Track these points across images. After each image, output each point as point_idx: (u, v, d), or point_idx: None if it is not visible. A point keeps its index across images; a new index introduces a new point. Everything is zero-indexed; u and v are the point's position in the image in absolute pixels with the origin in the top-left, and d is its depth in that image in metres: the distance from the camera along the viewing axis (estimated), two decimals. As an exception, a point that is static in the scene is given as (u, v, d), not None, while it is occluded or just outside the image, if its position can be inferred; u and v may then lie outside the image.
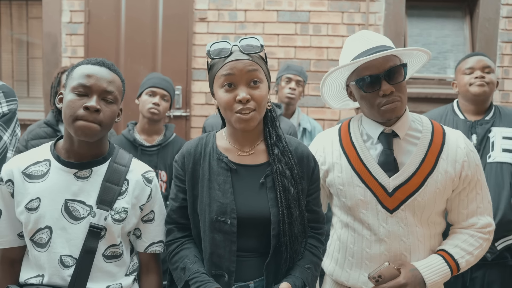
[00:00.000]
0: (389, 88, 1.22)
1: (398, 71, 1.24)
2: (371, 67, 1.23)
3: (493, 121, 1.88)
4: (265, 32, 3.37)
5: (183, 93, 3.39)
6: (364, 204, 1.29)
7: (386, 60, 1.23)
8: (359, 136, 1.35)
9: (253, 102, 1.12)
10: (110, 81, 1.15)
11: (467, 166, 1.27)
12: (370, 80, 1.23)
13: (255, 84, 1.13)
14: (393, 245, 1.27)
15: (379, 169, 1.28)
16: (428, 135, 1.30)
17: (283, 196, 1.14)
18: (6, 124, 1.46)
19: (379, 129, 1.31)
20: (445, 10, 3.53)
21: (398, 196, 1.26)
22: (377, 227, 1.28)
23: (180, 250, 1.21)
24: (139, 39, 3.41)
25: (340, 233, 1.39)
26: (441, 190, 1.26)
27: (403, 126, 1.30)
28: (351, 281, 1.34)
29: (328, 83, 1.38)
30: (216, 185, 1.16)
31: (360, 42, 1.29)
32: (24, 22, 3.75)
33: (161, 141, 2.10)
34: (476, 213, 1.29)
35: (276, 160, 1.17)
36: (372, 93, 1.24)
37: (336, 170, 1.34)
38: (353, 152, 1.33)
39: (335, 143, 1.39)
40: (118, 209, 1.18)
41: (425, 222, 1.29)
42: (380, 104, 1.24)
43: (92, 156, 1.19)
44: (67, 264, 1.13)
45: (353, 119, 1.43)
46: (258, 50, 1.14)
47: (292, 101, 2.48)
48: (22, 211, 1.14)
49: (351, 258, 1.34)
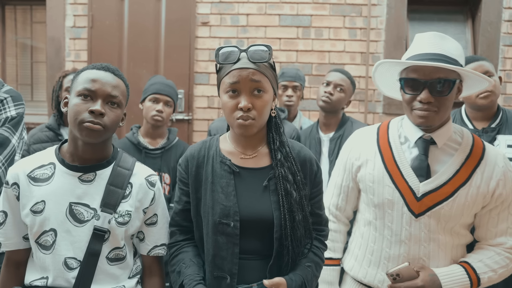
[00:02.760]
0: (428, 98, 1.21)
1: (445, 85, 1.22)
2: (419, 71, 1.22)
3: (499, 129, 1.85)
4: (267, 36, 3.38)
5: (185, 97, 3.41)
6: (391, 204, 1.30)
7: (437, 70, 1.21)
8: (397, 137, 1.35)
9: (254, 111, 1.13)
10: (114, 85, 1.17)
11: (502, 185, 1.25)
12: (414, 84, 1.24)
13: (258, 93, 1.14)
14: (413, 248, 1.27)
15: (411, 172, 1.28)
16: (467, 148, 1.29)
17: (285, 200, 1.15)
18: (14, 127, 1.48)
19: (418, 134, 1.30)
20: (447, 14, 3.54)
21: (426, 202, 1.26)
22: (399, 229, 1.28)
23: (178, 254, 1.23)
24: (141, 43, 3.43)
25: (363, 230, 1.40)
26: (470, 204, 1.25)
27: (443, 135, 1.29)
28: (368, 278, 1.35)
29: (381, 71, 1.37)
30: (219, 188, 1.17)
31: (426, 43, 1.27)
32: (28, 27, 3.78)
33: (165, 144, 2.12)
34: (506, 233, 1.28)
35: (279, 164, 1.18)
36: (411, 96, 1.26)
37: (368, 167, 1.36)
38: (389, 152, 1.34)
39: (372, 140, 1.40)
40: (122, 212, 1.19)
41: (448, 232, 1.28)
42: (414, 107, 1.25)
43: (96, 159, 1.21)
44: (72, 267, 1.14)
45: (393, 120, 1.43)
46: (266, 59, 1.15)
47: (291, 107, 2.49)
48: (27, 214, 1.15)
49: (370, 256, 1.35)
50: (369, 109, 3.35)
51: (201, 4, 3.41)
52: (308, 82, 3.36)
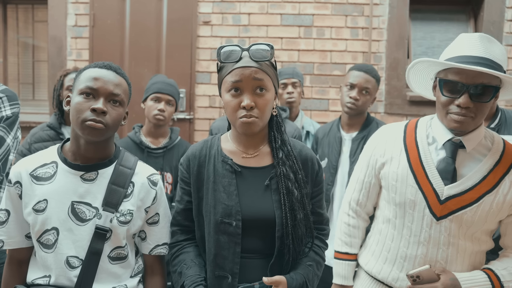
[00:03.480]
0: (467, 103, 1.17)
1: (488, 91, 1.17)
2: (462, 74, 1.17)
3: (498, 129, 1.83)
4: (269, 36, 3.38)
5: (187, 96, 3.41)
6: (412, 204, 1.27)
7: (480, 75, 1.16)
8: (425, 137, 1.32)
9: (257, 109, 1.14)
10: (116, 84, 1.17)
11: None
12: (454, 86, 1.19)
13: (260, 92, 1.14)
14: (431, 251, 1.26)
15: (436, 174, 1.26)
16: (497, 154, 1.25)
17: (286, 198, 1.15)
18: (9, 127, 1.48)
19: (447, 136, 1.27)
20: (449, 14, 3.53)
21: (449, 206, 1.23)
22: (419, 230, 1.27)
23: (179, 254, 1.23)
24: (143, 43, 3.43)
25: (381, 227, 1.39)
26: (495, 212, 1.22)
27: (473, 140, 1.26)
28: (382, 275, 1.34)
29: (417, 69, 1.33)
30: (221, 187, 1.17)
31: (473, 45, 1.21)
32: (30, 26, 3.78)
33: (167, 144, 2.12)
34: None
35: (280, 163, 1.18)
36: (449, 98, 1.21)
37: (393, 165, 1.33)
38: (415, 152, 1.31)
39: (398, 138, 1.37)
40: (124, 211, 1.19)
41: (469, 237, 1.26)
42: (450, 111, 1.21)
43: (98, 158, 1.21)
44: (74, 265, 1.14)
45: (422, 119, 1.39)
46: (267, 57, 1.15)
47: (294, 104, 2.50)
48: (30, 213, 1.16)
49: (386, 253, 1.34)
50: (371, 109, 3.34)
51: (202, 3, 3.41)
52: (309, 82, 3.36)
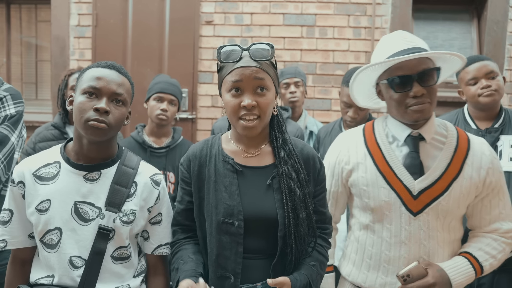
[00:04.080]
0: (420, 90, 1.22)
1: (431, 74, 1.24)
2: (405, 68, 1.23)
3: (502, 129, 1.85)
4: (271, 35, 3.38)
5: (189, 96, 3.41)
6: (388, 205, 1.29)
7: (420, 62, 1.23)
8: (385, 137, 1.35)
9: (258, 109, 1.13)
10: (119, 83, 1.17)
11: (491, 172, 1.28)
12: (402, 81, 1.24)
13: (261, 91, 1.14)
14: (413, 248, 1.28)
15: (404, 171, 1.28)
16: (454, 141, 1.30)
17: (289, 198, 1.15)
18: (13, 125, 1.48)
19: (406, 132, 1.31)
20: (452, 13, 3.52)
21: (422, 199, 1.26)
22: (399, 230, 1.28)
23: (177, 251, 1.22)
24: (146, 42, 3.43)
25: (358, 234, 1.39)
26: (465, 196, 1.27)
27: (430, 129, 1.31)
28: (368, 283, 1.34)
29: (359, 79, 1.37)
30: (223, 187, 1.17)
31: (397, 41, 1.29)
32: (33, 26, 3.79)
33: (170, 143, 2.12)
34: (498, 218, 1.31)
35: (282, 162, 1.17)
36: (402, 93, 1.25)
37: (360, 170, 1.34)
38: (379, 153, 1.33)
39: (359, 143, 1.38)
40: (127, 211, 1.19)
41: (446, 227, 1.29)
42: (409, 105, 1.25)
43: (101, 158, 1.21)
44: (77, 265, 1.14)
45: (377, 120, 1.43)
46: (268, 57, 1.14)
47: (297, 103, 2.49)
48: (33, 212, 1.16)
49: (368, 260, 1.35)
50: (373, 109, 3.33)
51: (205, 3, 3.41)
52: (312, 81, 3.35)
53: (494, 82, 1.86)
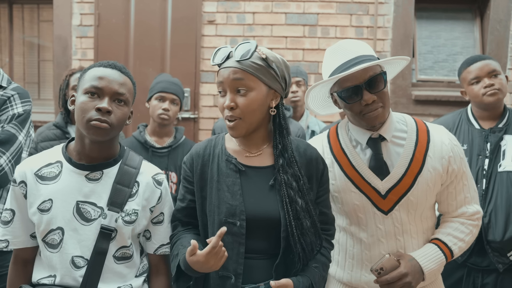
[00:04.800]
0: (371, 97, 1.24)
1: (379, 79, 1.25)
2: (352, 79, 1.24)
3: (506, 128, 1.84)
4: (273, 35, 3.38)
5: (191, 95, 3.41)
6: (360, 208, 1.33)
7: (365, 70, 1.24)
8: (349, 142, 1.38)
9: (239, 110, 1.13)
10: (121, 83, 1.16)
11: (453, 160, 1.32)
12: (352, 91, 1.25)
13: (241, 92, 1.14)
14: (390, 244, 1.33)
15: (371, 173, 1.32)
16: (414, 135, 1.33)
17: (290, 207, 1.13)
18: (21, 124, 1.49)
19: (366, 135, 1.33)
20: (455, 12, 3.51)
21: (391, 198, 1.30)
22: (374, 229, 1.33)
23: (177, 240, 1.22)
24: (148, 42, 3.44)
25: (338, 236, 1.43)
26: (431, 187, 1.31)
27: (389, 129, 1.33)
28: (354, 282, 1.38)
29: (313, 95, 1.38)
30: (225, 187, 1.17)
31: (339, 54, 1.29)
32: (35, 25, 3.80)
33: (172, 143, 2.12)
34: (464, 202, 1.35)
35: (281, 170, 1.16)
36: (354, 103, 1.26)
37: (330, 178, 1.36)
38: (345, 159, 1.36)
39: (326, 151, 1.41)
40: (129, 211, 1.19)
41: (418, 219, 1.34)
42: (363, 112, 1.27)
43: (103, 158, 1.21)
44: (79, 265, 1.14)
45: (339, 125, 1.44)
46: (246, 56, 1.13)
47: (298, 103, 2.50)
48: (35, 212, 1.16)
49: (351, 260, 1.39)
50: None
51: (207, 3, 3.41)
52: (314, 81, 3.35)
53: (497, 80, 1.85)
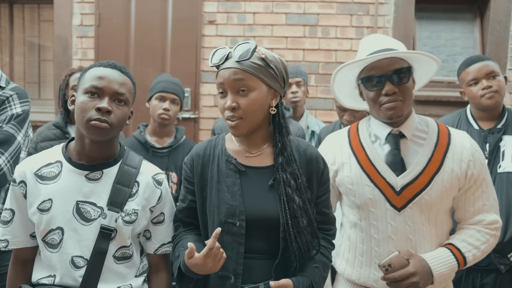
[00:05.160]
0: (392, 88, 1.28)
1: (403, 73, 1.30)
2: (377, 68, 1.30)
3: (505, 129, 1.84)
4: (274, 35, 3.38)
5: (191, 95, 3.41)
6: (373, 202, 1.33)
7: (392, 62, 1.29)
8: (368, 137, 1.40)
9: (240, 110, 1.13)
10: (121, 83, 1.17)
11: (472, 165, 1.31)
12: (375, 80, 1.31)
13: (242, 92, 1.14)
14: (400, 242, 1.31)
15: (387, 168, 1.32)
16: (434, 136, 1.34)
17: (288, 206, 1.14)
18: (20, 124, 1.49)
19: (386, 130, 1.35)
20: (455, 13, 3.51)
21: (405, 195, 1.30)
22: (385, 225, 1.32)
23: (179, 241, 1.23)
24: (148, 42, 3.44)
25: (349, 233, 1.42)
26: (448, 189, 1.30)
27: (410, 127, 1.35)
28: (362, 279, 1.37)
29: (339, 80, 1.43)
30: (225, 187, 1.17)
31: (372, 43, 1.36)
32: (36, 25, 3.80)
33: (172, 143, 2.12)
34: (482, 210, 1.33)
35: (280, 169, 1.17)
36: (376, 92, 1.31)
37: (345, 170, 1.38)
38: (362, 153, 1.37)
39: (344, 144, 1.43)
40: (129, 211, 1.19)
41: (432, 221, 1.32)
42: (382, 102, 1.31)
43: (103, 158, 1.21)
44: (79, 265, 1.14)
45: (361, 121, 1.47)
46: (246, 56, 1.13)
47: (298, 103, 2.49)
48: (35, 212, 1.16)
49: (360, 257, 1.38)
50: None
51: (207, 3, 3.41)
52: (314, 81, 3.35)
53: (495, 82, 1.85)
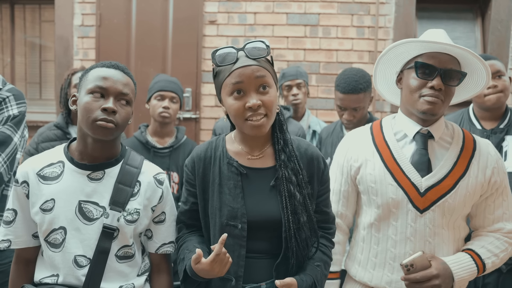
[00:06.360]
0: (440, 84, 1.24)
1: (456, 76, 1.27)
2: (435, 59, 1.26)
3: (508, 129, 1.84)
4: (275, 35, 3.38)
5: (192, 96, 3.41)
6: (395, 202, 1.30)
7: (450, 61, 1.26)
8: (392, 135, 1.37)
9: (264, 107, 1.11)
10: (125, 83, 1.17)
11: (496, 172, 1.31)
12: (429, 69, 1.26)
13: (264, 90, 1.12)
14: (418, 245, 1.29)
15: (412, 168, 1.30)
16: (460, 141, 1.33)
17: (289, 202, 1.14)
18: (16, 126, 1.49)
19: (415, 128, 1.32)
20: (456, 12, 3.51)
21: (429, 197, 1.28)
22: (404, 226, 1.30)
23: (183, 243, 1.23)
24: (149, 42, 3.44)
25: (363, 234, 1.40)
26: (471, 194, 1.29)
27: (439, 128, 1.33)
28: (374, 281, 1.35)
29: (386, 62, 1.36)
30: (227, 190, 1.17)
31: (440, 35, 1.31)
32: (37, 26, 3.81)
33: (173, 143, 2.12)
34: (502, 218, 1.32)
35: (282, 165, 1.16)
36: (422, 81, 1.26)
37: (368, 167, 1.35)
38: (387, 150, 1.34)
39: (367, 141, 1.40)
40: (131, 210, 1.19)
41: (451, 225, 1.31)
42: (423, 94, 1.27)
43: (105, 158, 1.21)
44: (81, 264, 1.15)
45: (384, 118, 1.44)
46: (264, 54, 1.13)
47: (300, 105, 2.49)
48: (37, 212, 1.16)
49: (374, 259, 1.35)
50: (377, 108, 3.33)
51: (208, 3, 3.41)
52: (315, 81, 3.35)
53: (500, 82, 1.85)
